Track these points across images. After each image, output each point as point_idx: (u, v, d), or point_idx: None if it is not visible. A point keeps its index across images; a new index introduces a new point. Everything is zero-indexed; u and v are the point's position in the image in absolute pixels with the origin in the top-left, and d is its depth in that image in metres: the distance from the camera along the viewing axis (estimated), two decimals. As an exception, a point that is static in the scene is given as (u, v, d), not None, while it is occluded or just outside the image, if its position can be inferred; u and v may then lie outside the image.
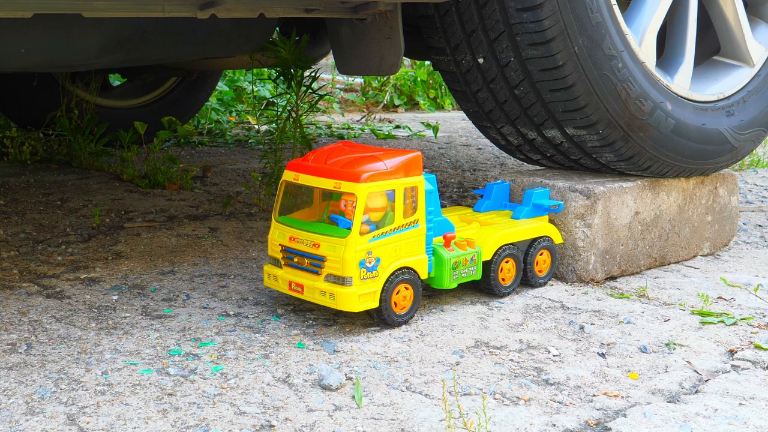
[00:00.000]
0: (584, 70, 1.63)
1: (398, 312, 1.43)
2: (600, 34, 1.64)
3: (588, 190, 1.69)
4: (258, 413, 1.13)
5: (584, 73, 1.63)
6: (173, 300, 1.56)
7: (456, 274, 1.49)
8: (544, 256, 1.67)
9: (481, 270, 1.54)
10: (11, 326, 1.41)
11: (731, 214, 1.99)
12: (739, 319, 1.53)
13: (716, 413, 1.16)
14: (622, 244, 1.75)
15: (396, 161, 1.41)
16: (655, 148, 1.75)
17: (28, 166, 2.82)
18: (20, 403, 1.14)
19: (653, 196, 1.80)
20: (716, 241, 1.97)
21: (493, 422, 1.12)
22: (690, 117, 1.79)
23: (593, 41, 1.63)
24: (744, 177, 3.00)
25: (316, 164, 1.43)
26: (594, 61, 1.64)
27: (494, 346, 1.39)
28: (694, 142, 1.80)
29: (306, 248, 1.41)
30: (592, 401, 1.20)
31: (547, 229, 1.67)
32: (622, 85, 1.67)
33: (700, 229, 1.92)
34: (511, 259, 1.60)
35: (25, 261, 1.78)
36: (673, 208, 1.84)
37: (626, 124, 1.70)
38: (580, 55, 1.62)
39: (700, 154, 1.82)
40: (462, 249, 1.50)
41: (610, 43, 1.65)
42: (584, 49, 1.62)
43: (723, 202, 1.96)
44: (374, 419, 1.12)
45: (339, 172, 1.39)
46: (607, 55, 1.65)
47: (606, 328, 1.48)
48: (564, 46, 1.61)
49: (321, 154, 1.46)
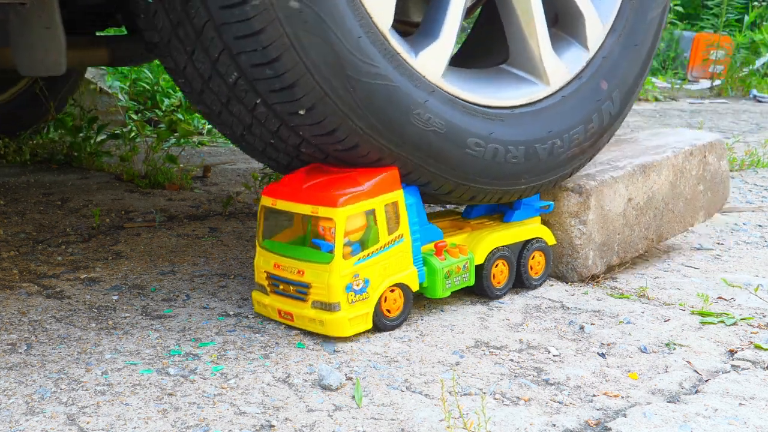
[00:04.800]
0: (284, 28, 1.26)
1: (389, 316, 1.43)
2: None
3: (579, 187, 1.69)
4: (258, 413, 1.13)
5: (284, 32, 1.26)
6: (173, 300, 1.56)
7: (449, 282, 1.48)
8: (537, 257, 1.66)
9: (474, 276, 1.54)
10: (11, 326, 1.41)
11: (723, 179, 1.98)
12: (739, 319, 1.53)
13: (716, 413, 1.16)
14: (618, 233, 1.75)
15: (373, 181, 1.38)
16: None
17: (28, 166, 2.82)
18: (20, 403, 1.14)
19: (644, 179, 1.79)
20: (710, 208, 1.97)
21: (493, 422, 1.12)
22: (445, 111, 1.45)
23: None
24: (744, 177, 3.00)
25: (292, 188, 1.40)
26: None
27: (494, 346, 1.39)
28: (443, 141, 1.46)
29: (291, 275, 1.39)
30: (592, 401, 1.20)
31: (540, 231, 1.66)
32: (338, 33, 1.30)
33: (693, 201, 1.92)
34: (504, 261, 1.59)
35: (25, 261, 1.78)
36: (665, 187, 1.84)
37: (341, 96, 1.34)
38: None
39: (459, 162, 1.49)
40: (454, 257, 1.50)
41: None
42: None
43: (713, 168, 1.95)
44: (374, 419, 1.12)
45: (316, 197, 1.36)
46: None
47: (606, 328, 1.48)
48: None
49: (298, 176, 1.43)
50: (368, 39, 1.33)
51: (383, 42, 1.36)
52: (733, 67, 6.39)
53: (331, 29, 1.29)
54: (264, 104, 1.35)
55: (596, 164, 1.80)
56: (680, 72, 6.94)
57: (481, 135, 1.50)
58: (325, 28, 1.28)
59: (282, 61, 1.27)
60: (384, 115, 1.37)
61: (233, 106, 1.38)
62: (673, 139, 1.95)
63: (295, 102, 1.31)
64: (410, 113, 1.39)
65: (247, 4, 1.23)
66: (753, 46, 6.64)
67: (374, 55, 1.34)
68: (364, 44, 1.33)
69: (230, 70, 1.31)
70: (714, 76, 6.42)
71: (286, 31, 1.25)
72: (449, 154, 1.46)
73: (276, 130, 1.39)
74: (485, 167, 1.51)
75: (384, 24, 1.37)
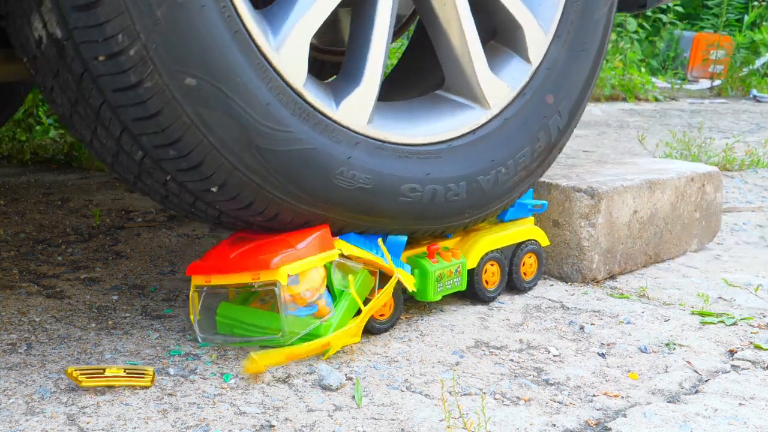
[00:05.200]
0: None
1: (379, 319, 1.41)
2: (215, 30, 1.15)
3: (592, 189, 1.69)
4: (258, 413, 1.13)
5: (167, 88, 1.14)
6: (173, 300, 1.56)
7: (440, 286, 1.46)
8: (530, 260, 1.64)
9: (465, 281, 1.51)
10: (11, 326, 1.41)
11: (716, 211, 2.01)
12: (739, 319, 1.53)
13: (716, 413, 1.16)
14: (622, 243, 1.76)
15: (307, 240, 1.30)
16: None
17: (28, 166, 2.82)
18: (20, 403, 1.13)
19: (650, 194, 1.80)
20: (703, 238, 1.99)
21: (493, 422, 1.12)
22: (373, 162, 1.35)
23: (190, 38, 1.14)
24: (744, 177, 3.00)
25: (223, 261, 1.30)
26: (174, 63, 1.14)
27: (494, 346, 1.39)
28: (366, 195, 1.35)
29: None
30: (592, 401, 1.20)
31: (533, 233, 1.64)
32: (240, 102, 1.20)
33: (690, 226, 1.93)
34: (496, 263, 1.58)
35: (25, 261, 1.78)
36: (667, 206, 1.85)
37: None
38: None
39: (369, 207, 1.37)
40: (446, 260, 1.47)
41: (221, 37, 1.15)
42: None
43: (709, 198, 1.97)
44: (374, 419, 1.12)
45: (257, 261, 1.27)
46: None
47: (606, 328, 1.48)
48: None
49: (223, 248, 1.34)
50: (279, 102, 1.23)
51: (297, 101, 1.25)
52: (733, 67, 6.39)
53: (233, 101, 1.18)
54: (174, 181, 1.25)
55: (604, 175, 1.80)
56: (680, 72, 6.94)
57: (416, 179, 1.40)
58: (227, 101, 1.18)
59: (184, 141, 1.17)
60: (303, 181, 1.27)
61: (146, 179, 1.28)
62: (674, 166, 1.98)
63: (205, 180, 1.22)
64: (332, 175, 1.29)
65: (141, 87, 1.13)
66: (753, 46, 6.64)
67: (287, 119, 1.24)
68: (275, 109, 1.23)
69: (134, 149, 1.22)
70: (714, 76, 6.42)
71: (186, 110, 1.15)
72: (382, 206, 1.37)
73: (192, 203, 1.30)
74: (424, 210, 1.42)
75: (298, 79, 1.26)
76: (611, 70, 5.75)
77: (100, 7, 1.08)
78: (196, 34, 1.14)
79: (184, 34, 1.13)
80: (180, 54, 1.13)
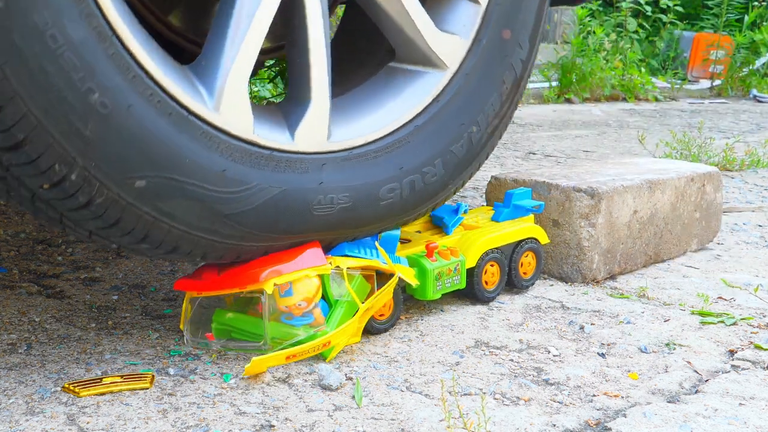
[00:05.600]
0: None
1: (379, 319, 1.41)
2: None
3: (592, 189, 1.69)
4: (258, 413, 1.13)
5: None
6: (173, 300, 1.56)
7: (440, 284, 1.45)
8: (529, 258, 1.64)
9: (465, 279, 1.50)
10: (11, 326, 1.41)
11: (716, 211, 2.01)
12: (739, 319, 1.53)
13: (716, 413, 1.16)
14: (622, 243, 1.76)
15: (298, 257, 1.28)
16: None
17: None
18: (20, 403, 1.14)
19: (650, 194, 1.80)
20: (703, 238, 1.99)
21: (493, 422, 1.12)
22: (345, 178, 1.30)
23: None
24: (744, 177, 3.00)
25: (212, 279, 1.30)
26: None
27: (494, 346, 1.39)
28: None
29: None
30: (592, 401, 1.20)
31: (533, 231, 1.64)
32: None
33: (690, 226, 1.93)
34: (496, 264, 1.57)
35: (25, 261, 1.78)
36: (667, 206, 1.85)
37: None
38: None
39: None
40: (445, 258, 1.47)
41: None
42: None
43: (709, 198, 1.98)
44: (374, 419, 1.12)
45: (247, 276, 1.26)
46: None
47: (606, 328, 1.48)
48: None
49: (212, 266, 1.33)
50: (235, 162, 1.17)
51: (252, 150, 1.19)
52: (733, 67, 6.39)
53: (189, 183, 1.14)
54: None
55: (604, 175, 1.80)
56: (680, 72, 6.94)
57: (391, 177, 1.35)
58: (182, 186, 1.13)
59: (153, 235, 1.15)
60: (283, 225, 1.24)
61: None
62: (674, 166, 1.98)
63: (188, 256, 1.21)
64: (310, 207, 1.26)
65: (93, 204, 1.09)
66: (753, 46, 6.64)
67: (247, 176, 1.18)
68: (232, 172, 1.17)
69: (110, 244, 1.21)
70: (714, 76, 6.42)
71: (144, 210, 1.12)
72: (365, 216, 1.33)
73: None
74: (405, 204, 1.38)
75: (246, 129, 1.19)
76: (611, 70, 5.75)
77: (28, 146, 1.02)
78: (132, 136, 1.07)
79: (119, 141, 1.07)
80: (121, 162, 1.07)
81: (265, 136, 1.22)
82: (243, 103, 1.19)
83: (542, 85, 5.66)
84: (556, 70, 5.67)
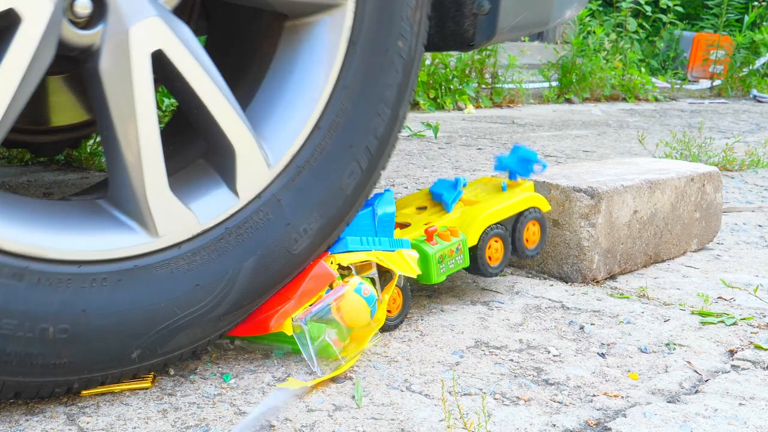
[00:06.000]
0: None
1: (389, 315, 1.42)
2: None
3: (592, 189, 1.69)
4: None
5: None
6: (173, 300, 1.56)
7: (443, 267, 1.45)
8: (532, 228, 1.61)
9: (468, 257, 1.49)
10: (11, 326, 1.41)
11: (716, 211, 2.01)
12: (739, 319, 1.53)
13: (716, 413, 1.16)
14: (622, 243, 1.76)
15: (302, 286, 1.28)
16: None
17: (28, 166, 2.82)
18: (20, 403, 1.14)
19: (650, 194, 1.80)
20: (703, 238, 2.00)
21: (493, 422, 1.12)
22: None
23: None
24: (744, 177, 3.00)
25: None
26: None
27: (494, 346, 1.39)
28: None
29: None
30: (592, 401, 1.20)
31: (534, 200, 1.61)
32: None
33: (690, 226, 1.93)
34: (499, 239, 1.55)
35: (25, 261, 1.77)
36: (667, 206, 1.86)
37: None
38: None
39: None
40: (446, 240, 1.46)
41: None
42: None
43: (709, 198, 1.98)
44: (374, 419, 1.12)
45: (258, 324, 1.28)
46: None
47: (606, 328, 1.48)
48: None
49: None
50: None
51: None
52: (733, 67, 6.40)
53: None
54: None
55: (604, 175, 1.80)
56: (680, 72, 6.94)
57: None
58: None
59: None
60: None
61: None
62: (674, 166, 1.98)
63: None
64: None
65: None
66: (753, 46, 6.64)
67: None
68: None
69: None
70: (714, 76, 6.43)
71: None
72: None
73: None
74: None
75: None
76: (611, 70, 5.75)
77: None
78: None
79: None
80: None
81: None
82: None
83: (542, 85, 5.67)
84: (556, 70, 5.67)
